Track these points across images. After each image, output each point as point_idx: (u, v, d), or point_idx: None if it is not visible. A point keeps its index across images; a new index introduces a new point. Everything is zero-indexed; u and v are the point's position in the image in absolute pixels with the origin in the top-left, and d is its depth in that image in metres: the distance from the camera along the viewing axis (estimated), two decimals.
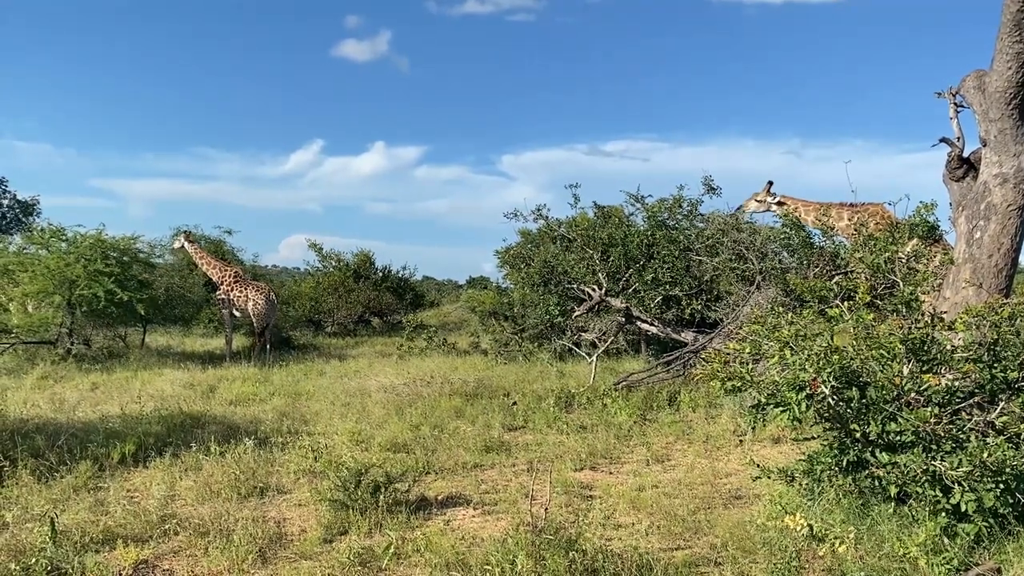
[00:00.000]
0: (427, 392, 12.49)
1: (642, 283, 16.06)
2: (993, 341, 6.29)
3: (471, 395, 12.25)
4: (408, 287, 28.97)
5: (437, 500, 7.37)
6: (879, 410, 5.95)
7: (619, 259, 16.37)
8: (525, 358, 16.81)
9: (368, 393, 12.69)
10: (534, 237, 19.31)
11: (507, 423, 10.59)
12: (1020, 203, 8.30)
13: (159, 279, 20.74)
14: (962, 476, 5.37)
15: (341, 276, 27.13)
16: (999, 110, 8.30)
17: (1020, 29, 7.74)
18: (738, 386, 6.45)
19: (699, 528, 6.41)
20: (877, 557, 5.40)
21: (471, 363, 16.90)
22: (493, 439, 9.58)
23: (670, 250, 16.11)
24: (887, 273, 7.68)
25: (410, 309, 27.88)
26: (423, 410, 11.18)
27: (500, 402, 11.71)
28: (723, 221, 16.18)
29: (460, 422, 10.60)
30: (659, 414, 11.03)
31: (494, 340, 18.44)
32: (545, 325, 17.54)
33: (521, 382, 13.46)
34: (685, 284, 16.00)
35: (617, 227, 16.93)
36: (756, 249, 14.60)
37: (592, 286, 15.79)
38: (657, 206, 17.42)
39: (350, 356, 19.35)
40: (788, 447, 9.01)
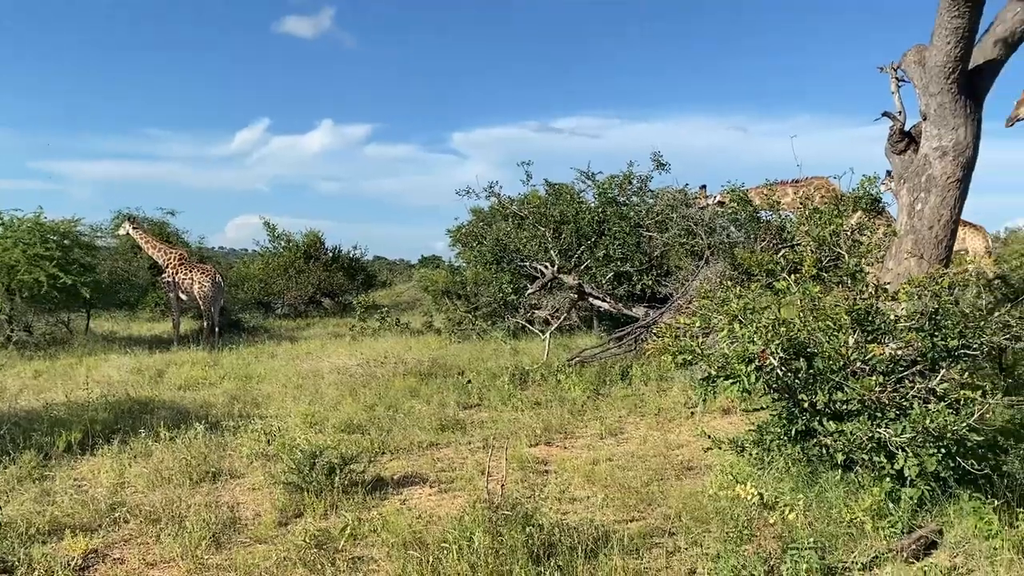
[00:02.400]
0: (381, 372, 12.41)
1: (594, 260, 16.16)
2: (934, 310, 6.46)
3: (425, 374, 12.22)
4: (359, 267, 28.67)
5: (393, 480, 7.36)
6: (826, 380, 6.09)
7: (571, 236, 16.43)
8: (479, 336, 16.81)
9: (321, 375, 12.57)
10: (486, 215, 19.27)
11: (462, 401, 10.61)
12: (959, 175, 8.50)
13: (102, 263, 20.19)
14: (905, 442, 5.53)
15: (291, 257, 26.72)
16: (938, 84, 8.47)
17: (958, 4, 7.88)
18: (688, 359, 6.54)
19: (653, 499, 6.51)
20: (826, 523, 5.55)
21: (425, 343, 16.85)
22: (448, 418, 9.58)
23: (621, 226, 16.22)
24: (832, 246, 7.84)
25: (362, 289, 27.60)
26: (377, 391, 11.13)
27: (455, 381, 11.72)
28: (672, 197, 16.35)
29: (415, 402, 10.57)
30: (612, 389, 11.14)
31: (448, 319, 18.41)
32: (498, 303, 17.55)
33: (475, 360, 13.46)
34: (636, 260, 16.14)
35: (568, 204, 16.97)
36: (705, 224, 14.78)
37: (545, 263, 15.83)
38: (607, 183, 17.50)
39: (302, 338, 19.13)
40: (738, 418, 9.18)
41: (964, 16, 7.94)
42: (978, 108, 8.73)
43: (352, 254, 28.52)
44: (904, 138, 9.35)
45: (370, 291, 28.17)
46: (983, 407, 5.70)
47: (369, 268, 30.84)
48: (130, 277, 21.31)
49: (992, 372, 8.13)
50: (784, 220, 14.39)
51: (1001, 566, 4.84)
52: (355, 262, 28.45)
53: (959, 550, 5.17)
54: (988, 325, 6.54)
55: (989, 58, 8.73)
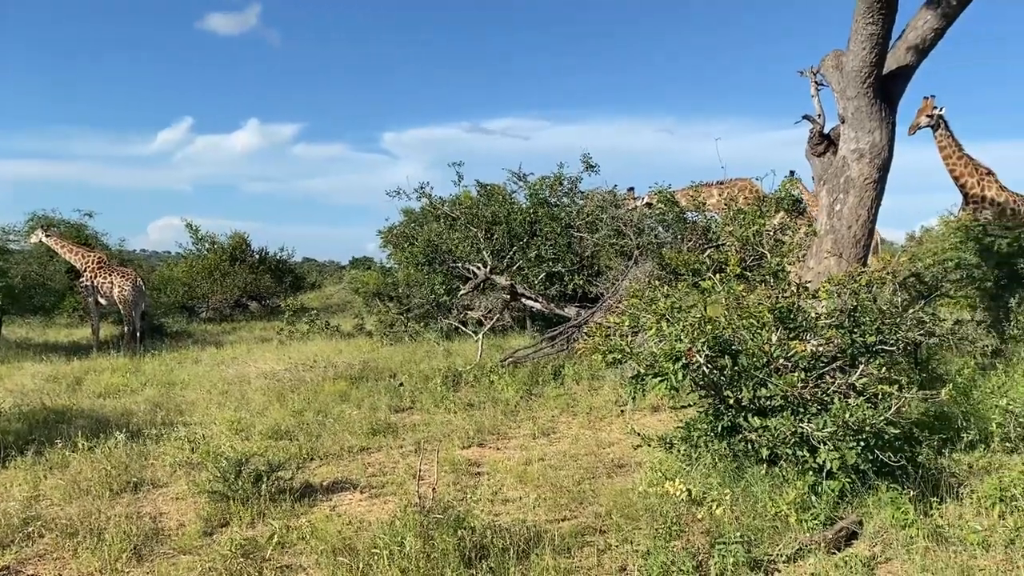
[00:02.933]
0: (310, 377, 12.20)
1: (526, 260, 16.20)
2: (853, 308, 6.68)
3: (356, 378, 12.06)
4: (287, 269, 28.17)
5: (323, 486, 7.24)
6: (750, 377, 6.23)
7: (503, 237, 16.44)
8: (411, 338, 16.68)
9: (247, 380, 12.29)
10: (418, 216, 19.13)
11: (394, 405, 10.50)
12: (875, 177, 8.82)
13: (15, 267, 19.34)
14: (827, 436, 5.69)
15: (216, 259, 26.08)
16: (855, 88, 8.77)
17: (873, 11, 8.18)
18: (618, 358, 6.62)
19: (584, 498, 6.56)
20: (752, 517, 5.67)
21: (356, 345, 16.63)
22: (380, 421, 9.47)
23: (552, 227, 16.30)
24: (755, 245, 8.05)
25: (290, 292, 27.12)
26: (306, 395, 10.93)
27: (386, 384, 11.59)
28: (602, 198, 16.52)
29: (345, 406, 10.42)
30: (544, 388, 11.18)
31: (379, 321, 18.22)
32: (431, 304, 17.45)
33: (407, 363, 13.35)
34: (567, 260, 16.25)
35: (501, 205, 16.98)
36: (633, 225, 14.97)
37: (477, 264, 15.81)
38: (539, 184, 17.57)
39: (227, 342, 18.66)
40: (667, 415, 9.31)
41: (879, 23, 8.24)
42: (893, 112, 9.08)
43: (280, 256, 28.03)
44: (823, 140, 9.64)
45: (299, 294, 27.71)
46: (899, 401, 5.91)
47: (298, 270, 30.36)
48: (45, 281, 20.45)
49: (908, 367, 8.44)
50: (709, 221, 14.69)
51: (917, 554, 5.02)
52: (283, 264, 27.96)
53: (878, 540, 5.34)
54: (904, 322, 6.80)
55: (902, 64, 9.08)
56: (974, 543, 5.06)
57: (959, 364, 9.60)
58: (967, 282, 13.28)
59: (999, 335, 10.99)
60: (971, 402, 7.66)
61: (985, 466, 6.50)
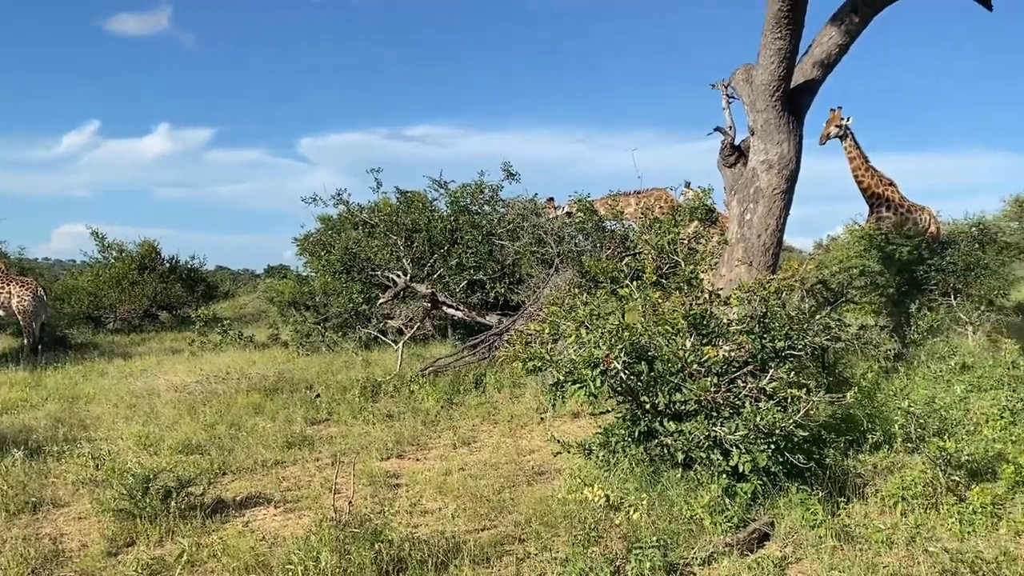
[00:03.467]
0: (223, 389, 11.83)
1: (447, 268, 16.12)
2: (763, 314, 6.87)
3: (271, 390, 11.76)
4: (199, 278, 27.32)
5: (235, 501, 7.02)
6: (666, 382, 6.34)
7: (423, 244, 16.32)
8: (328, 348, 16.39)
9: (157, 393, 11.85)
10: (335, 223, 18.83)
11: (310, 416, 10.28)
12: (783, 187, 9.11)
13: None
14: (739, 439, 5.83)
15: (124, 268, 25.09)
16: (764, 102, 9.05)
17: (781, 27, 8.46)
18: (539, 365, 6.66)
19: (504, 507, 6.53)
20: (668, 521, 5.75)
21: (270, 356, 16.24)
22: (295, 434, 9.26)
23: (473, 235, 16.28)
24: (671, 254, 8.20)
25: (202, 301, 26.29)
26: (218, 408, 10.61)
27: (302, 395, 11.35)
28: (523, 206, 16.58)
29: (259, 418, 10.15)
30: (466, 397, 11.13)
31: (295, 331, 17.82)
32: (349, 314, 17.18)
33: (325, 373, 13.10)
34: (489, 268, 16.24)
35: (421, 212, 16.86)
36: (554, 233, 15.08)
37: (397, 272, 15.65)
38: (460, 191, 17.52)
39: (136, 354, 17.97)
40: (586, 421, 9.38)
41: (786, 38, 8.52)
42: (800, 125, 9.40)
43: (191, 264, 27.19)
44: (734, 152, 9.91)
45: (211, 303, 26.92)
46: (808, 404, 6.11)
47: (210, 279, 29.50)
48: None
49: (815, 371, 8.73)
50: (627, 229, 14.91)
51: (825, 553, 5.18)
52: (195, 272, 27.12)
53: (789, 540, 5.49)
54: (811, 327, 7.03)
55: (808, 78, 9.42)
56: (878, 541, 5.25)
57: (863, 368, 9.98)
58: (871, 289, 13.89)
59: (901, 339, 11.50)
60: (875, 404, 7.97)
61: (888, 466, 6.76)
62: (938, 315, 12.06)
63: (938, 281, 13.08)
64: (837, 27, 9.47)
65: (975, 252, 13.51)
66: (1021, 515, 5.47)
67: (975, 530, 5.40)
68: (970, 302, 12.70)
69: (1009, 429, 7.38)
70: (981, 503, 5.60)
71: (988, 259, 13.40)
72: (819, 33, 9.69)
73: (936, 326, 11.75)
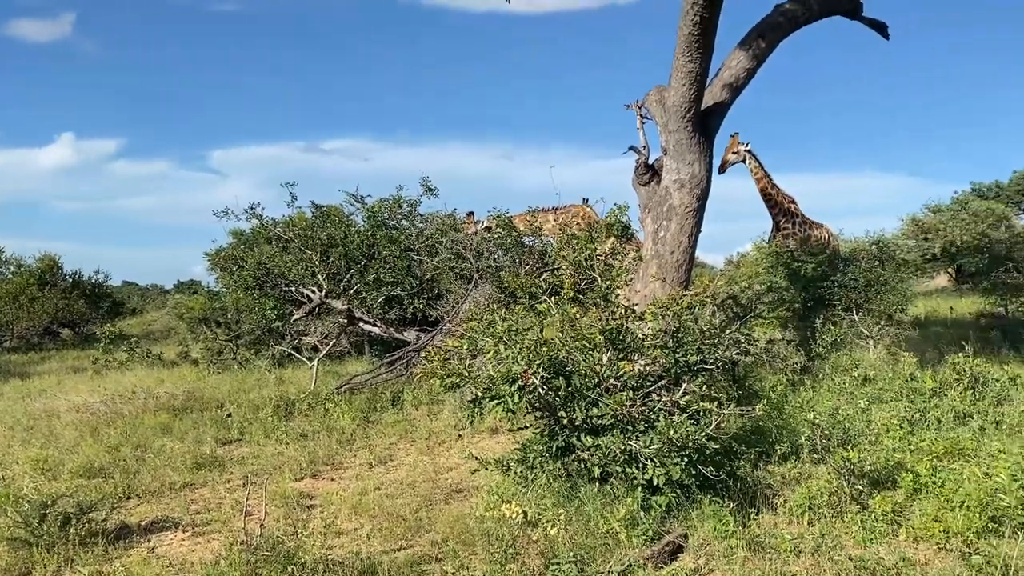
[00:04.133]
0: (128, 409, 11.39)
1: (364, 284, 15.93)
2: (676, 329, 7.02)
3: (180, 409, 11.37)
4: (104, 293, 26.35)
5: (141, 526, 6.76)
6: (583, 397, 6.39)
7: (340, 260, 16.09)
8: (241, 366, 15.95)
9: (56, 414, 11.32)
10: (248, 237, 18.40)
11: (221, 437, 9.96)
12: (695, 205, 9.36)
13: None
14: (653, 453, 5.92)
15: (21, 283, 24.02)
16: (676, 122, 9.29)
17: (691, 50, 8.70)
18: (457, 382, 6.62)
19: (421, 526, 6.46)
20: (585, 535, 5.78)
21: (180, 374, 15.72)
22: (205, 455, 8.96)
23: (391, 250, 16.15)
24: (588, 269, 8.29)
25: (108, 318, 25.34)
26: (124, 429, 10.20)
27: (213, 415, 11.00)
28: (441, 221, 16.56)
29: (167, 439, 9.79)
30: (383, 415, 10.98)
31: (206, 348, 17.30)
32: (262, 330, 16.77)
33: (237, 392, 12.74)
34: (407, 284, 16.12)
35: (337, 227, 16.62)
36: (473, 249, 15.10)
37: (312, 288, 15.37)
38: (377, 206, 17.37)
39: (35, 373, 17.19)
40: (505, 438, 9.38)
41: (697, 61, 8.77)
42: (710, 145, 9.69)
43: (95, 279, 26.16)
44: (648, 171, 10.13)
45: (117, 320, 25.95)
46: (719, 417, 6.25)
47: (116, 294, 28.50)
48: None
49: (726, 384, 8.95)
50: (546, 245, 15.06)
51: (736, 564, 5.30)
52: (99, 288, 26.14)
53: (701, 552, 5.59)
54: (722, 342, 7.21)
55: (718, 100, 9.72)
56: (787, 550, 5.40)
57: (772, 381, 10.32)
58: (778, 304, 14.36)
59: (807, 353, 11.92)
60: (783, 416, 8.23)
61: (796, 476, 6.97)
62: (841, 329, 12.55)
63: (841, 297, 13.61)
64: (745, 51, 9.82)
65: (875, 269, 14.12)
66: (919, 522, 5.72)
67: (877, 537, 5.61)
68: (871, 317, 13.25)
69: (908, 439, 7.74)
70: (882, 511, 5.83)
71: (887, 276, 14.02)
72: (728, 57, 10.02)
73: (840, 340, 12.22)
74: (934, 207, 27.69)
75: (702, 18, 8.43)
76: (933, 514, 5.72)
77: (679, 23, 8.70)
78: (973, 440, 7.56)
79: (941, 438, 7.60)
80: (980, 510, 5.53)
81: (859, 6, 10.40)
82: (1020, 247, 21.39)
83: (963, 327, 15.61)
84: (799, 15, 10.02)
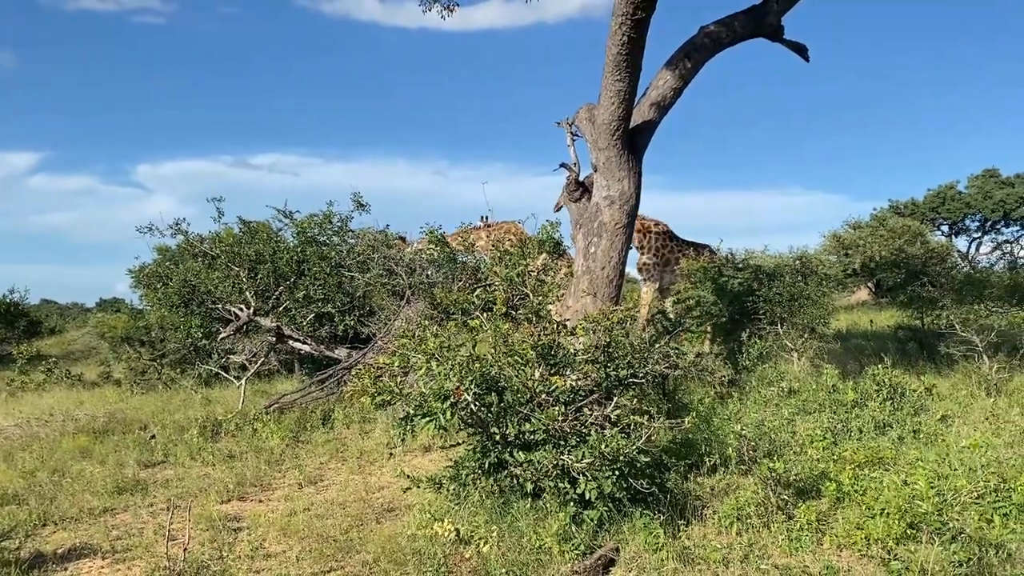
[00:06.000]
0: (45, 432, 10.96)
1: (293, 301, 15.65)
2: (607, 344, 7.08)
3: (101, 432, 10.99)
4: (20, 312, 25.30)
5: (57, 554, 6.48)
6: (515, 412, 6.39)
7: (268, 276, 15.78)
8: (166, 386, 15.51)
9: None
10: (173, 254, 17.92)
11: (144, 459, 9.64)
12: (625, 222, 9.49)
13: None
14: (585, 467, 5.95)
15: None
16: (606, 140, 9.43)
17: (619, 69, 8.86)
18: (388, 400, 6.55)
19: (351, 547, 6.34)
20: (517, 552, 5.77)
21: (101, 395, 15.21)
22: (127, 478, 8.66)
23: (321, 266, 15.91)
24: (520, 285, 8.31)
25: (24, 338, 24.32)
26: (40, 453, 9.81)
27: (136, 437, 10.66)
28: (373, 237, 16.40)
29: (87, 463, 9.44)
30: (313, 434, 10.79)
31: (129, 368, 16.80)
32: (188, 349, 16.34)
33: (161, 413, 12.37)
34: (338, 300, 15.90)
35: (265, 243, 16.29)
36: (405, 265, 15.00)
37: (239, 305, 15.03)
38: (307, 222, 17.11)
39: None
40: (438, 455, 9.32)
41: (625, 80, 8.93)
42: (639, 162, 9.85)
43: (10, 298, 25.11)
44: (579, 187, 10.24)
45: (35, 340, 24.94)
46: (650, 430, 6.32)
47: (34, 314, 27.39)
48: None
49: (657, 398, 9.08)
50: (479, 262, 15.06)
51: (668, 575, 5.35)
52: (15, 307, 25.09)
53: (633, 565, 5.64)
54: (652, 356, 7.31)
55: (646, 119, 9.90)
56: (716, 561, 5.49)
57: (700, 394, 10.51)
58: (706, 318, 14.67)
59: (734, 366, 12.17)
60: (712, 428, 8.38)
61: (724, 487, 7.10)
62: (767, 342, 12.87)
63: (766, 311, 13.96)
64: (672, 71, 10.04)
65: (799, 284, 14.53)
66: (843, 529, 5.88)
67: (802, 546, 5.74)
68: (795, 330, 13.62)
69: (831, 449, 7.97)
70: (807, 520, 5.97)
71: (810, 290, 14.44)
72: (655, 76, 10.23)
73: (765, 353, 12.53)
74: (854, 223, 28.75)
75: (630, 38, 8.60)
76: (855, 522, 5.89)
77: (607, 43, 8.85)
78: (892, 449, 7.82)
79: (862, 447, 7.84)
80: (899, 517, 5.71)
81: (780, 29, 10.75)
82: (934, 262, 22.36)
83: (882, 339, 16.17)
84: (723, 37, 10.29)
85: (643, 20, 8.56)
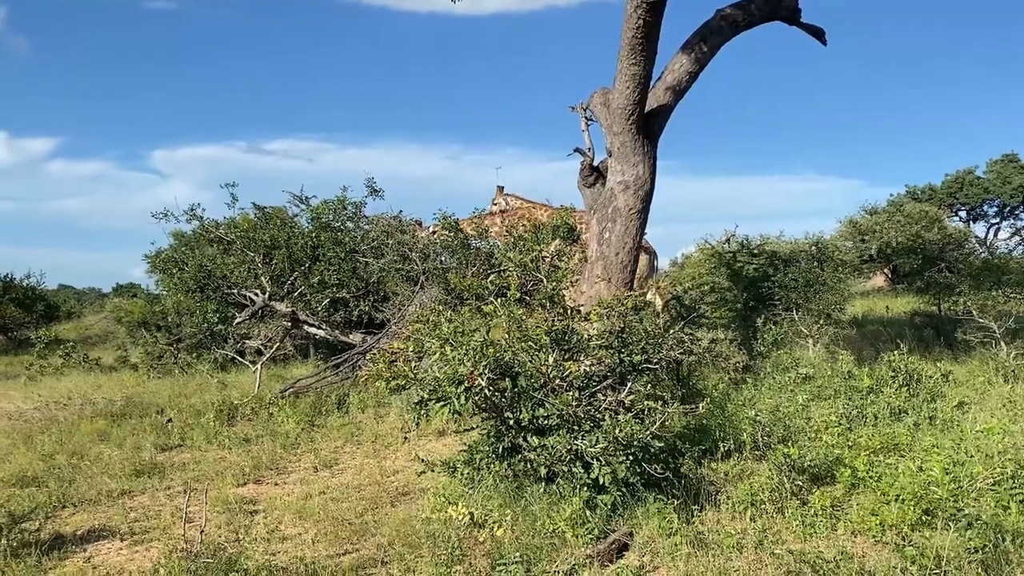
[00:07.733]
0: (64, 416, 11.08)
1: (308, 286, 15.73)
2: (621, 329, 7.07)
3: (118, 415, 11.10)
4: (38, 297, 25.56)
5: (76, 536, 6.56)
6: (529, 397, 6.40)
7: (283, 262, 15.86)
8: (182, 371, 15.63)
9: None
10: (189, 239, 18.03)
11: (161, 443, 9.74)
12: (639, 207, 9.44)
13: None
14: (599, 452, 5.95)
15: None
16: (621, 125, 9.36)
17: (635, 53, 8.78)
18: (402, 384, 6.57)
19: (366, 530, 6.39)
20: (531, 536, 5.78)
21: (118, 380, 15.33)
22: (144, 462, 8.75)
23: (336, 252, 15.97)
24: (534, 271, 8.32)
25: (42, 322, 24.59)
26: (59, 436, 9.93)
27: (153, 420, 10.76)
28: (387, 223, 16.44)
29: (105, 446, 9.54)
30: (328, 419, 10.86)
31: (146, 353, 16.95)
32: (204, 334, 16.45)
33: (177, 397, 12.48)
34: (352, 286, 15.96)
35: (280, 228, 16.38)
36: (419, 250, 15.03)
37: (255, 291, 15.13)
38: (322, 207, 17.17)
39: None
40: (452, 439, 9.35)
41: (640, 64, 8.86)
42: (654, 147, 9.78)
43: (28, 283, 25.36)
44: (593, 172, 10.19)
45: (52, 324, 25.18)
46: (664, 415, 6.32)
47: (51, 298, 27.67)
48: None
49: (671, 383, 9.07)
50: (492, 247, 15.06)
51: (681, 560, 5.36)
52: (33, 292, 25.34)
53: (647, 549, 5.64)
54: (666, 341, 7.29)
55: (661, 103, 9.82)
56: (729, 546, 5.49)
57: (715, 379, 10.49)
58: (720, 304, 14.62)
59: (748, 352, 12.14)
60: (726, 414, 8.36)
61: (739, 473, 7.09)
62: (782, 328, 12.82)
63: (781, 297, 13.90)
64: (687, 55, 9.95)
65: (814, 270, 14.47)
66: (857, 515, 5.86)
67: (816, 531, 5.73)
68: (810, 316, 13.56)
69: (846, 435, 7.94)
70: (822, 506, 5.96)
71: (826, 276, 14.37)
72: (671, 60, 10.14)
73: (780, 339, 12.49)
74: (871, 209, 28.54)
75: (645, 22, 8.52)
76: (870, 508, 5.87)
77: (623, 26, 8.77)
78: (908, 435, 7.78)
79: (877, 434, 7.81)
80: (914, 503, 5.69)
81: (798, 12, 10.63)
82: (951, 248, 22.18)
83: (898, 325, 16.07)
84: (740, 20, 10.19)
85: (659, 3, 8.48)
